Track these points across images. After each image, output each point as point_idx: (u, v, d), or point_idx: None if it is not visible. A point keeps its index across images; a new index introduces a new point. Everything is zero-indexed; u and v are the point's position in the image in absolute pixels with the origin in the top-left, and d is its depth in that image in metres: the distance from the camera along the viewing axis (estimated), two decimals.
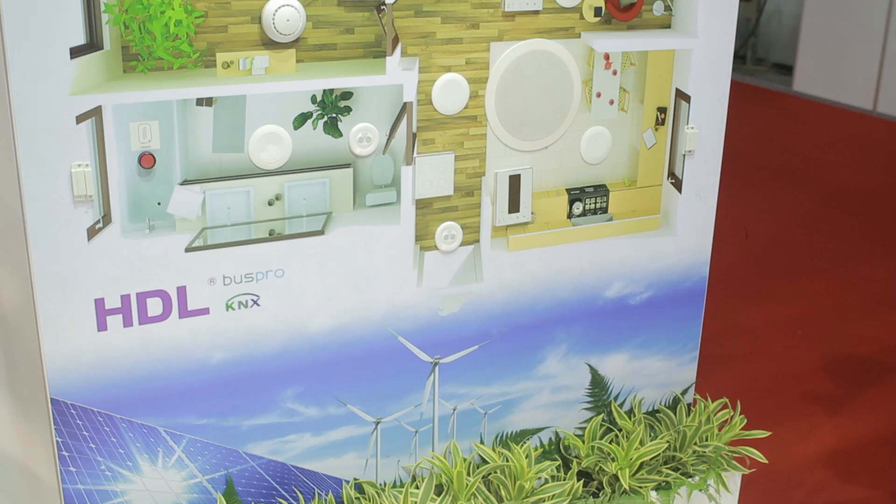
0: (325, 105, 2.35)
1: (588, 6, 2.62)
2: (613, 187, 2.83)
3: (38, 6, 1.98)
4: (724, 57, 2.84)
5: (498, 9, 2.50)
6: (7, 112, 2.04)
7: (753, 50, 10.50)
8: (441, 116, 2.51)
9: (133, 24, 2.13)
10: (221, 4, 2.21)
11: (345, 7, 2.32)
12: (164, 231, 2.29)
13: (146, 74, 2.18)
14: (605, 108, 2.74)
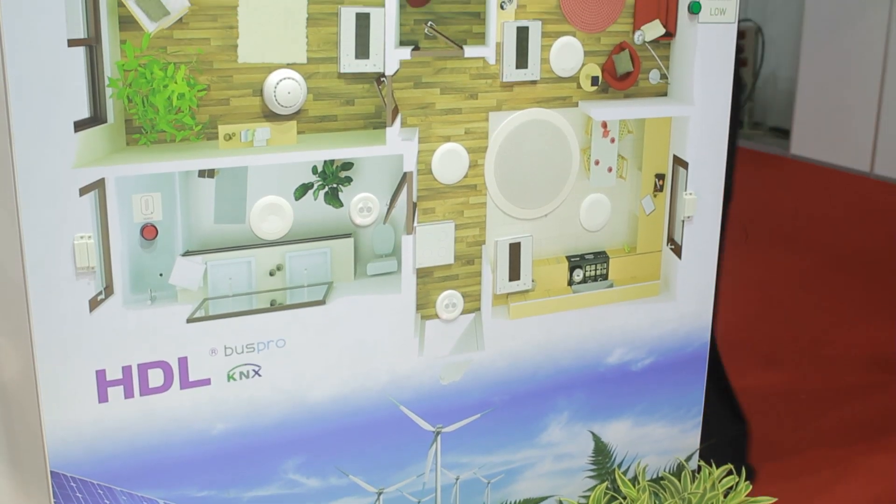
0: (326, 175, 2.37)
1: (585, 75, 2.65)
2: (613, 254, 2.84)
3: (44, 80, 2.01)
4: (720, 123, 2.87)
5: (496, 79, 2.53)
6: (11, 184, 2.06)
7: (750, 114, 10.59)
8: (441, 186, 2.53)
9: (136, 97, 2.16)
10: (224, 78, 2.24)
11: (345, 79, 2.35)
12: (165, 302, 2.29)
13: (149, 147, 2.20)
14: (604, 175, 2.76)
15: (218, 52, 2.22)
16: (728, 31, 2.80)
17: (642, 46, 2.73)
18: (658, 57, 2.76)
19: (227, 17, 2.21)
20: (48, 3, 1.99)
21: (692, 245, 2.91)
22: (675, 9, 2.73)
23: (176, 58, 2.19)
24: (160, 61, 2.17)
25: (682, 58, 2.76)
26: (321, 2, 2.29)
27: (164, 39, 2.18)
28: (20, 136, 2.02)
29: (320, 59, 2.32)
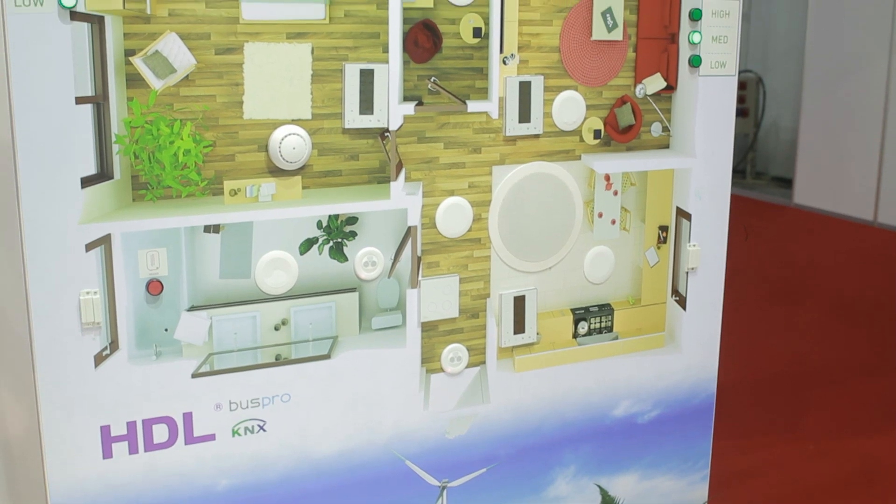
0: (331, 230, 2.38)
1: (587, 129, 2.67)
2: (618, 306, 2.84)
3: (51, 137, 2.04)
4: (722, 174, 2.88)
5: (499, 133, 2.55)
6: (17, 239, 2.07)
7: (752, 164, 10.64)
8: (445, 239, 2.54)
9: (143, 154, 2.18)
10: (229, 134, 2.26)
11: (349, 135, 2.38)
12: (170, 357, 2.29)
13: (155, 203, 2.22)
14: (608, 227, 2.77)
15: (224, 108, 2.25)
16: (728, 84, 2.82)
17: (644, 100, 2.75)
18: (660, 110, 2.78)
19: (233, 74, 2.24)
20: (57, 61, 2.02)
21: (697, 296, 2.91)
22: (675, 62, 2.75)
23: (182, 114, 2.21)
24: (166, 118, 2.20)
25: (684, 110, 2.78)
26: (326, 59, 2.32)
27: (170, 96, 2.21)
28: (27, 192, 2.04)
29: (325, 115, 2.34)
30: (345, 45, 2.33)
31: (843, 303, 6.85)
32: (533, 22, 2.55)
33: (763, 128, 10.50)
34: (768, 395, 5.29)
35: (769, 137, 10.65)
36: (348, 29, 2.33)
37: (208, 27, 2.21)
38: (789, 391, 5.35)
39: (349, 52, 2.34)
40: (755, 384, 5.38)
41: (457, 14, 2.45)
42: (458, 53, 2.47)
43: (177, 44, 2.19)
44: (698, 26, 2.72)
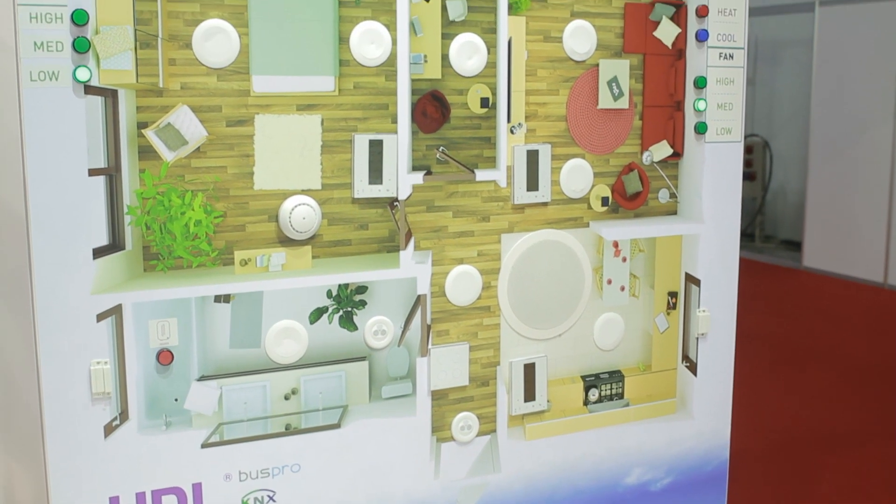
0: (341, 299, 2.39)
1: (595, 196, 2.69)
2: (628, 373, 2.83)
3: (64, 208, 2.06)
4: (731, 240, 2.88)
5: (507, 202, 2.57)
6: (29, 310, 2.08)
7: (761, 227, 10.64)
8: (455, 308, 2.55)
9: (154, 224, 2.20)
10: (240, 204, 2.28)
11: (359, 204, 2.40)
12: (180, 427, 2.29)
13: (166, 273, 2.23)
14: (617, 294, 2.77)
15: (235, 179, 2.28)
16: (734, 150, 2.84)
17: (651, 167, 2.77)
18: (667, 176, 2.80)
19: (244, 145, 2.27)
20: (71, 133, 2.05)
21: (707, 362, 2.90)
22: (681, 129, 2.78)
23: (193, 185, 2.24)
24: (178, 189, 2.22)
25: (691, 177, 2.80)
26: (335, 129, 2.35)
27: (182, 168, 2.23)
28: (40, 263, 2.06)
29: (334, 185, 2.36)
30: (354, 116, 2.37)
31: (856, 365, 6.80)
32: (540, 91, 2.58)
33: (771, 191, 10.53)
34: (780, 461, 5.23)
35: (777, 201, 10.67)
36: (357, 100, 2.37)
37: (220, 100, 2.25)
38: (802, 457, 5.30)
39: (358, 122, 2.37)
40: (767, 450, 5.33)
41: (464, 84, 2.49)
42: (466, 123, 2.50)
43: (189, 116, 2.22)
44: (703, 94, 2.75)
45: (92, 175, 2.09)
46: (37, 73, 2.02)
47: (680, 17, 2.74)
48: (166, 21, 2.20)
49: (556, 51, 2.60)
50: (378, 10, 2.37)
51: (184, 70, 2.23)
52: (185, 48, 2.22)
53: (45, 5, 2.02)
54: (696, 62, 2.74)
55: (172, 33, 2.21)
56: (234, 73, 2.25)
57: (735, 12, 2.76)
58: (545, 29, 2.58)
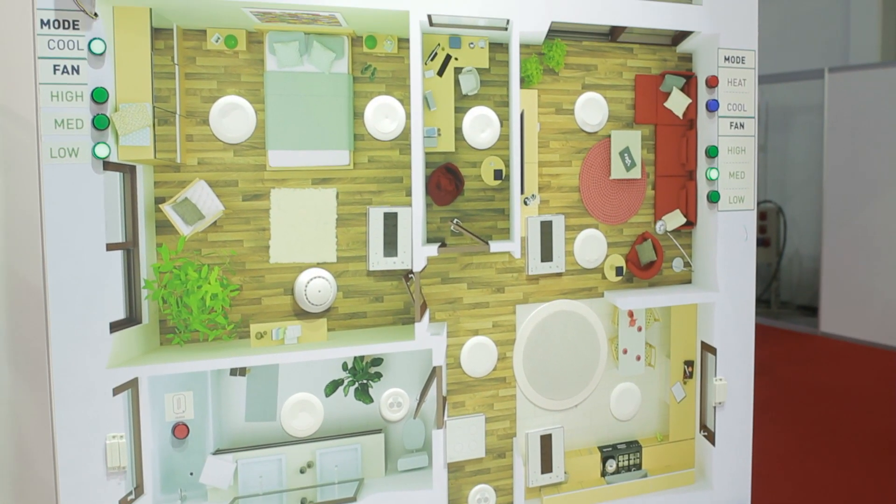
0: (356, 372, 2.39)
1: (609, 266, 2.70)
2: (646, 443, 2.81)
3: (82, 283, 2.07)
4: (746, 307, 2.87)
5: (522, 273, 2.58)
6: (46, 384, 2.09)
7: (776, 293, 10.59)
8: (470, 379, 2.54)
9: (171, 298, 2.21)
10: (256, 278, 2.30)
11: (374, 276, 2.41)
12: (196, 501, 2.28)
13: (182, 346, 2.24)
14: (633, 364, 2.76)
15: (250, 252, 2.29)
16: (748, 218, 2.84)
17: (664, 236, 2.78)
18: (680, 245, 2.81)
19: (260, 219, 2.29)
20: (89, 209, 2.07)
21: (726, 431, 2.87)
22: (694, 198, 2.79)
23: (210, 259, 2.26)
24: (194, 263, 2.24)
25: (704, 245, 2.80)
26: (350, 203, 2.37)
27: (198, 242, 2.25)
28: (57, 337, 2.06)
29: (350, 258, 2.38)
30: (369, 190, 2.39)
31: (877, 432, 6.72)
32: (552, 163, 2.60)
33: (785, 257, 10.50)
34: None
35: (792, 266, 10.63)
36: (372, 174, 2.39)
37: (236, 174, 2.28)
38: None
39: (373, 196, 2.39)
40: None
41: (478, 157, 2.51)
42: (479, 195, 2.52)
43: (205, 191, 2.25)
44: (715, 163, 2.76)
45: (110, 249, 2.10)
46: (57, 150, 2.05)
47: (690, 87, 2.77)
48: (184, 98, 2.24)
49: (569, 123, 2.63)
50: (392, 85, 2.41)
51: (201, 145, 2.26)
52: (203, 124, 2.26)
53: (66, 84, 2.06)
54: (707, 132, 2.76)
55: (190, 110, 2.25)
56: (250, 148, 2.28)
57: (745, 82, 2.79)
58: (557, 101, 2.61)
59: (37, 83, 2.05)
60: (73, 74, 2.07)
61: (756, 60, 2.80)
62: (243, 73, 2.29)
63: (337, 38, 2.36)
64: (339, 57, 2.36)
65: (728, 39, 2.74)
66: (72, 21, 2.06)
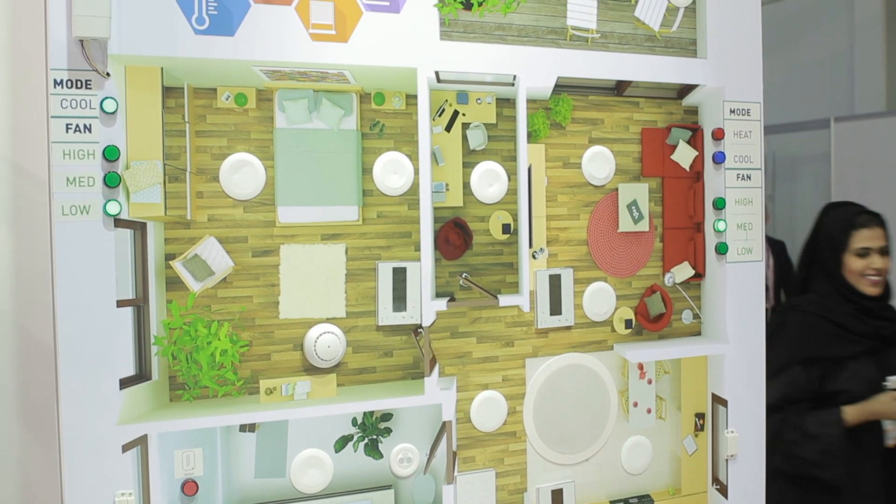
0: (366, 427, 2.38)
1: (619, 319, 2.69)
2: (658, 497, 2.78)
3: (92, 339, 2.07)
4: (756, 358, 2.86)
5: (531, 326, 2.58)
6: (55, 441, 2.08)
7: None
8: (480, 434, 2.53)
9: (181, 354, 2.22)
10: (265, 333, 2.30)
11: (383, 331, 2.41)
12: None
13: (192, 402, 2.23)
14: (643, 417, 2.75)
15: (260, 308, 2.30)
16: (756, 269, 2.84)
17: (673, 288, 2.78)
18: (689, 297, 2.81)
19: (270, 275, 2.30)
20: (100, 266, 2.08)
21: (738, 484, 2.85)
22: (702, 250, 2.79)
23: (220, 315, 2.26)
24: (204, 319, 2.24)
25: (713, 297, 2.80)
26: (359, 258, 2.38)
27: (208, 298, 2.26)
28: (67, 394, 2.06)
29: (359, 313, 2.38)
30: (378, 245, 2.40)
31: None
32: (560, 216, 2.61)
33: None
34: None
35: None
36: (381, 229, 2.40)
37: (246, 231, 2.29)
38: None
39: (382, 251, 2.41)
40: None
41: (486, 211, 2.53)
42: (488, 249, 2.53)
43: (215, 247, 2.26)
44: (722, 215, 2.76)
45: (120, 306, 2.11)
46: (68, 208, 2.07)
47: (696, 140, 2.79)
48: (194, 155, 2.27)
49: (576, 176, 2.65)
50: (400, 141, 2.43)
51: (211, 202, 2.28)
52: (213, 181, 2.28)
53: (78, 142, 2.08)
54: (714, 184, 2.77)
55: (200, 167, 2.27)
56: (260, 204, 2.30)
57: (750, 134, 2.80)
58: (564, 155, 2.63)
59: (49, 142, 2.07)
60: (86, 133, 2.09)
61: (762, 112, 2.82)
62: (253, 131, 2.32)
63: (346, 95, 2.39)
64: (348, 114, 2.39)
65: (733, 92, 2.76)
66: (84, 80, 2.09)
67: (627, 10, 2.65)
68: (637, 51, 2.66)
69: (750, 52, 2.80)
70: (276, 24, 2.25)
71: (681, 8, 2.73)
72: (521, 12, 2.51)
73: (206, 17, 2.20)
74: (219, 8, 2.20)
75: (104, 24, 2.06)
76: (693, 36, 2.74)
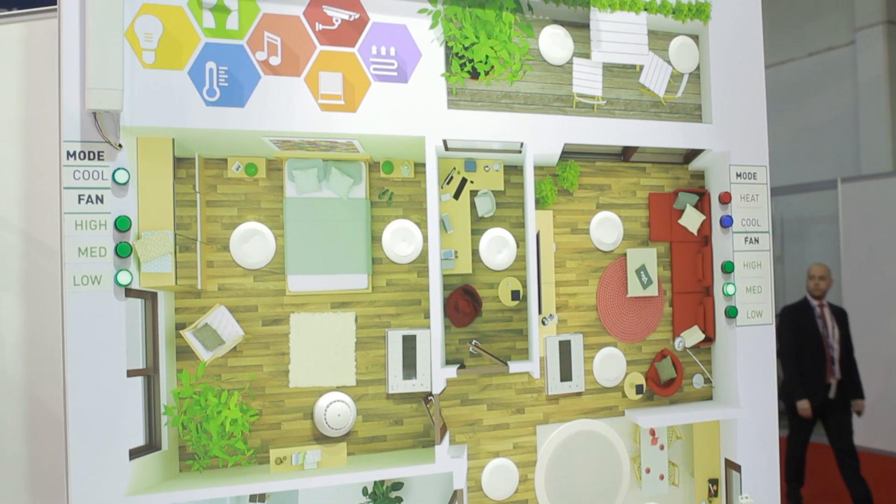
0: (377, 496, 2.37)
1: (629, 384, 2.68)
2: None
3: (103, 409, 2.08)
4: (769, 422, 2.84)
5: (541, 393, 2.57)
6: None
7: None
8: (492, 502, 2.51)
9: (191, 424, 2.21)
10: (275, 402, 2.30)
11: (393, 399, 2.40)
12: None
13: (201, 473, 2.22)
14: (656, 483, 2.72)
15: (270, 377, 2.30)
16: (767, 333, 2.84)
17: (683, 352, 2.77)
18: (700, 362, 2.80)
19: (280, 344, 2.31)
20: (111, 336, 2.09)
21: None
22: (712, 314, 2.79)
23: (230, 384, 2.26)
24: (214, 388, 2.24)
25: (724, 361, 2.79)
26: (369, 326, 2.38)
27: (218, 367, 2.26)
28: (76, 465, 2.06)
29: (369, 381, 2.38)
30: (387, 313, 2.41)
31: None
32: (569, 282, 2.62)
33: None
34: None
35: None
36: (390, 297, 2.41)
37: (256, 300, 2.30)
38: None
39: (392, 318, 2.41)
40: None
41: (495, 278, 2.54)
42: (497, 316, 2.53)
43: (226, 316, 2.27)
44: (731, 278, 2.77)
45: (130, 376, 2.11)
46: (80, 278, 2.08)
47: (703, 204, 2.80)
48: (205, 225, 2.28)
49: (584, 242, 2.66)
50: (409, 209, 2.45)
51: (221, 271, 2.29)
52: (223, 250, 2.29)
53: (90, 213, 2.10)
54: (722, 247, 2.78)
55: (211, 236, 2.29)
56: (270, 273, 2.31)
57: (757, 197, 2.82)
58: (572, 221, 2.64)
59: (62, 213, 2.10)
60: (98, 203, 2.12)
61: (768, 176, 2.84)
62: (263, 200, 2.34)
63: (355, 164, 2.41)
64: (357, 182, 2.41)
65: (739, 156, 2.78)
66: (97, 152, 2.12)
67: (632, 77, 2.68)
68: (643, 117, 2.69)
69: (755, 117, 2.83)
70: (286, 94, 2.28)
71: (685, 74, 2.76)
72: (527, 81, 2.54)
73: (217, 88, 2.23)
74: (230, 80, 2.24)
75: (117, 96, 2.09)
76: (698, 101, 2.77)
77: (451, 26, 2.45)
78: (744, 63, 2.81)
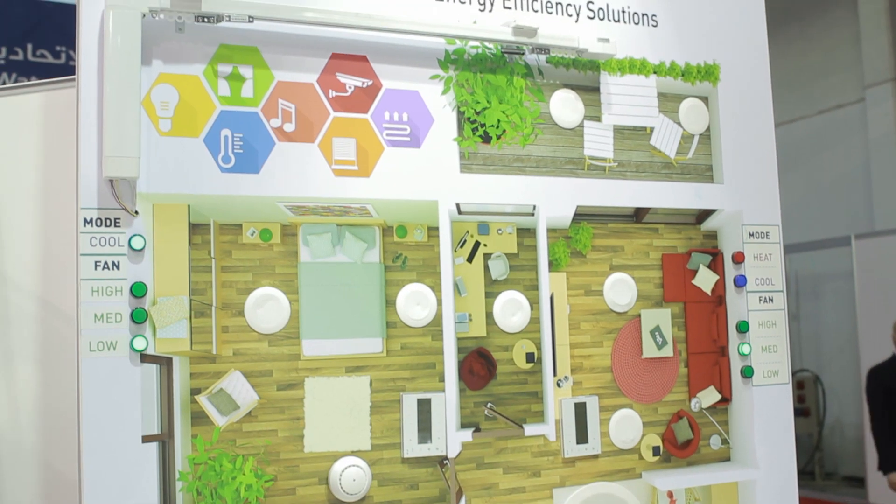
0: None
1: (646, 446, 2.67)
2: None
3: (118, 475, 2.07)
4: (788, 483, 2.81)
5: (558, 455, 2.56)
6: None
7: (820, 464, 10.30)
8: None
9: (205, 490, 2.21)
10: (290, 468, 2.29)
11: (409, 464, 2.39)
12: None
13: None
14: None
15: (285, 442, 2.29)
16: (783, 392, 2.82)
17: (700, 413, 2.76)
18: (717, 422, 2.78)
19: (294, 408, 2.31)
20: (126, 401, 2.10)
21: None
22: (727, 374, 2.78)
23: (244, 450, 2.26)
24: (229, 454, 2.24)
25: (741, 421, 2.77)
26: (384, 390, 2.38)
27: (233, 432, 2.26)
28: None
29: (384, 445, 2.37)
30: (402, 376, 2.41)
31: None
32: (584, 344, 2.62)
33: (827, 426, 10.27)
34: None
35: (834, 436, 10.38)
36: (405, 360, 2.41)
37: (271, 364, 2.31)
38: None
39: (406, 382, 2.41)
40: None
41: (509, 341, 2.54)
42: (512, 378, 2.53)
43: (240, 381, 2.28)
44: (747, 338, 2.77)
45: (145, 441, 2.12)
46: (96, 344, 2.10)
47: (717, 264, 2.81)
48: (220, 290, 2.30)
49: (598, 303, 2.66)
50: (423, 273, 2.46)
51: (236, 336, 2.30)
52: (238, 315, 2.31)
53: (106, 279, 2.12)
54: (736, 307, 2.78)
55: (226, 302, 2.30)
56: (284, 338, 2.32)
57: (771, 256, 2.82)
58: (586, 283, 2.65)
59: (78, 279, 2.11)
60: (114, 270, 2.14)
61: (780, 234, 2.84)
62: (278, 265, 2.35)
63: (368, 229, 2.43)
64: (371, 247, 2.42)
65: (751, 216, 2.80)
66: (113, 219, 2.15)
67: (643, 139, 2.71)
68: (654, 178, 2.71)
69: (766, 176, 2.84)
70: (300, 160, 2.31)
71: (695, 135, 2.79)
72: (539, 144, 2.57)
73: (232, 155, 2.27)
74: (244, 146, 2.27)
75: (133, 164, 2.12)
76: (709, 161, 2.79)
77: (463, 91, 2.48)
78: (754, 123, 2.84)
